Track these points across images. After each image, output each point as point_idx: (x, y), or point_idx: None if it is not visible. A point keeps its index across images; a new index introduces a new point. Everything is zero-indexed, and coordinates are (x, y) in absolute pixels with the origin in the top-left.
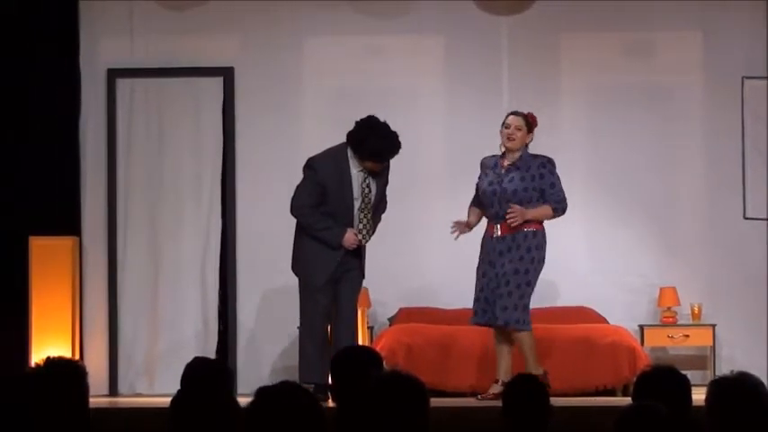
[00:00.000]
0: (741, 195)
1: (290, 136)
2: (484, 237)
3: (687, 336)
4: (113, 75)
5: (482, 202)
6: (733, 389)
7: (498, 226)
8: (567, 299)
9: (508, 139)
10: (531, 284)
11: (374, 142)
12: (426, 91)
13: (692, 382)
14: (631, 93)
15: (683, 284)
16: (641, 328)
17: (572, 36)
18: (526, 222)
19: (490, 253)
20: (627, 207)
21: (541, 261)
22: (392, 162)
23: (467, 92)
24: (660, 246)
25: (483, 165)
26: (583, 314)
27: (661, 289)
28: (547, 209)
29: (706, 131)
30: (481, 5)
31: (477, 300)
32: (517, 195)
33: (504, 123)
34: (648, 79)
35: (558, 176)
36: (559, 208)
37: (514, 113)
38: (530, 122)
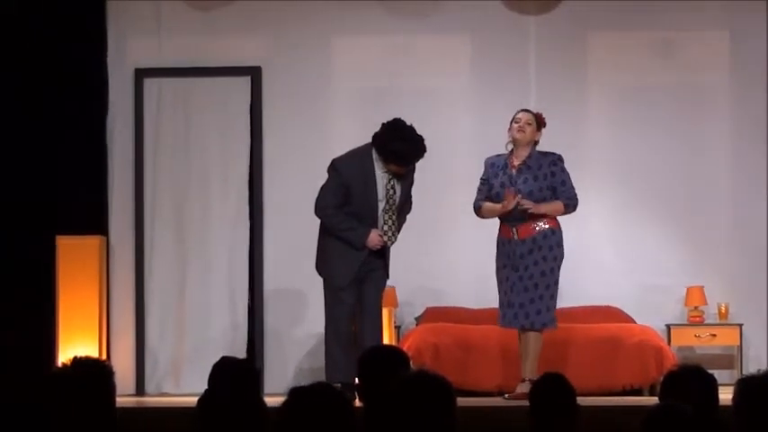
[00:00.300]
0: (767, 194)
1: (317, 135)
2: (499, 239)
3: (714, 335)
4: (141, 74)
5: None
6: (760, 388)
7: (515, 229)
8: (594, 298)
9: (518, 130)
10: (557, 282)
11: (399, 145)
12: (454, 90)
13: (719, 382)
14: (658, 92)
15: (710, 284)
16: (668, 327)
17: (599, 35)
18: (542, 219)
19: (510, 256)
20: (653, 206)
21: (562, 257)
22: (420, 161)
23: (494, 91)
24: (687, 245)
25: (490, 165)
26: (610, 314)
27: (688, 288)
28: (559, 204)
29: (732, 130)
30: (509, 5)
31: (502, 304)
32: (533, 196)
33: (513, 119)
34: (674, 78)
35: (567, 173)
36: (571, 204)
37: (524, 110)
38: (539, 121)
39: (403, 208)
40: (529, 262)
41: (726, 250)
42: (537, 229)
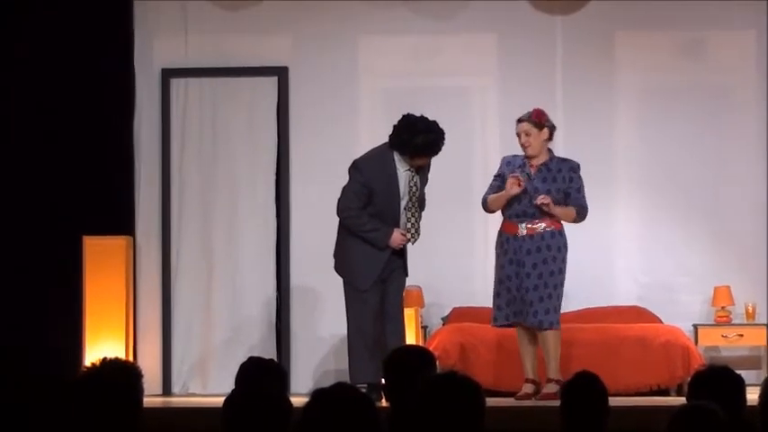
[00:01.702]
0: None
1: (344, 135)
2: (503, 235)
3: (741, 335)
4: (167, 75)
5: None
6: None
7: (523, 225)
8: (620, 298)
9: (524, 147)
10: (563, 284)
11: (423, 138)
12: (481, 90)
13: (746, 382)
14: (685, 91)
15: (737, 284)
16: (695, 327)
17: (626, 35)
18: (547, 219)
19: (517, 252)
20: (681, 206)
21: (566, 260)
22: (446, 161)
23: (521, 91)
24: (714, 245)
25: (506, 163)
26: (637, 314)
27: (715, 288)
28: (572, 211)
29: (759, 130)
30: (535, 4)
31: (506, 302)
32: (551, 197)
33: (516, 133)
34: (702, 78)
35: (582, 183)
36: (581, 214)
37: (519, 120)
38: (536, 121)
39: (420, 205)
40: (537, 260)
41: (753, 250)
42: (544, 227)
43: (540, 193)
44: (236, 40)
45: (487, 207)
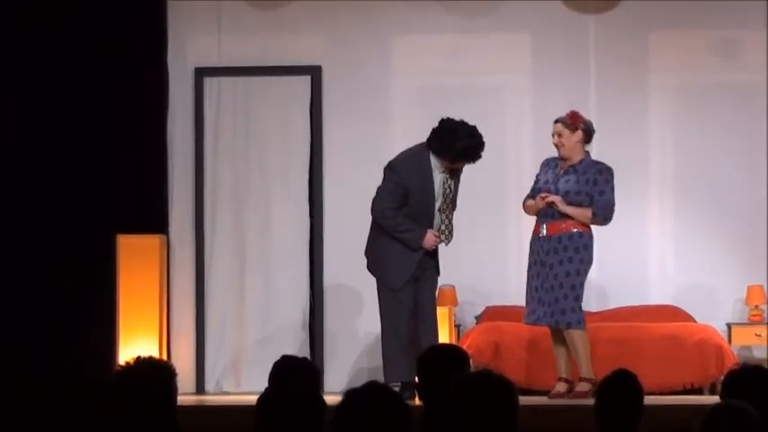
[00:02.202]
0: None
1: (377, 134)
2: (532, 236)
3: None
4: (201, 74)
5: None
6: None
7: (545, 225)
8: (654, 298)
9: (557, 147)
10: (583, 284)
11: (467, 143)
12: (513, 89)
13: None
14: (719, 91)
15: None
16: (729, 326)
17: (659, 34)
18: (570, 220)
19: (539, 252)
20: (714, 205)
21: (590, 262)
22: (479, 160)
23: (554, 90)
24: (747, 243)
25: (546, 164)
26: (670, 313)
27: (749, 287)
28: (587, 211)
29: None
30: (568, 4)
31: (533, 300)
32: (568, 196)
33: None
34: (736, 78)
35: (612, 187)
36: (601, 214)
37: (555, 121)
38: (569, 123)
39: (453, 206)
40: (554, 260)
41: None
42: (564, 228)
43: (560, 195)
44: (270, 39)
45: (526, 210)
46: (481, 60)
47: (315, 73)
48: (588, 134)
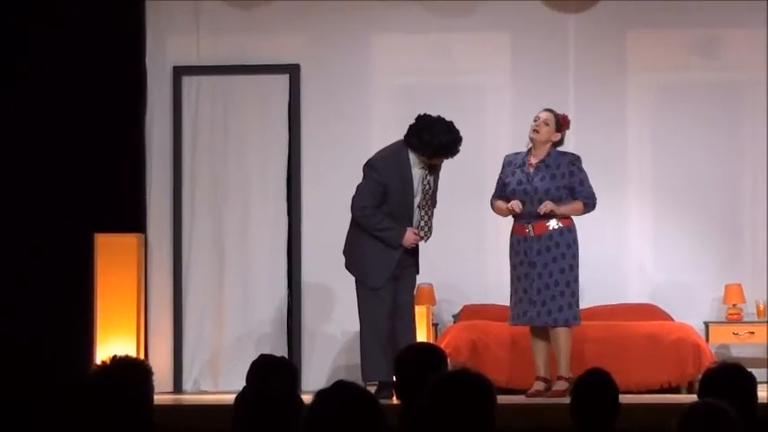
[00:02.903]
0: None
1: (355, 133)
2: (513, 237)
3: (752, 333)
4: (179, 72)
5: (509, 200)
6: None
7: (531, 226)
8: (632, 296)
9: (533, 130)
10: (577, 279)
11: (446, 138)
12: (493, 88)
13: (757, 380)
14: (697, 90)
15: (748, 281)
16: (706, 325)
17: (638, 33)
18: (556, 217)
19: (527, 253)
20: (692, 204)
21: (578, 255)
22: (458, 158)
23: (533, 89)
24: (725, 242)
25: (508, 163)
26: (648, 311)
27: (726, 286)
28: (578, 204)
29: None
30: (548, 3)
31: (522, 301)
32: (549, 194)
33: (535, 117)
34: (714, 77)
35: (585, 173)
36: (590, 203)
37: (547, 109)
38: (560, 122)
39: (433, 203)
40: (547, 259)
41: (764, 248)
42: (551, 227)
43: (540, 194)
44: (249, 38)
45: (493, 210)
46: (461, 59)
47: (293, 72)
48: (559, 144)
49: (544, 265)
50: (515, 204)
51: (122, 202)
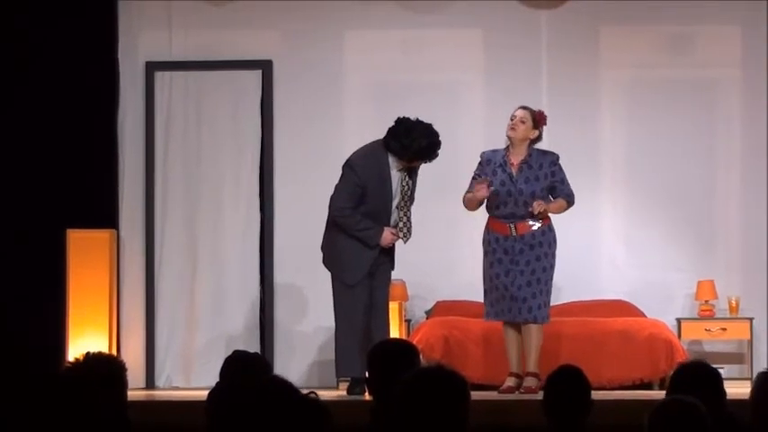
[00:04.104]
0: None
1: (328, 129)
2: (491, 234)
3: (724, 329)
4: (152, 68)
5: (489, 200)
6: None
7: (514, 226)
8: (605, 293)
9: (510, 128)
10: (552, 278)
11: (425, 141)
12: (466, 85)
13: (730, 376)
14: (670, 87)
15: (720, 278)
16: (678, 321)
17: (611, 30)
18: (537, 216)
19: (509, 252)
20: (665, 200)
21: (556, 255)
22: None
23: (506, 86)
24: (698, 239)
25: (486, 161)
26: (621, 308)
27: (699, 282)
28: (563, 202)
29: (745, 126)
30: (521, 0)
31: (503, 298)
32: (535, 197)
33: (511, 115)
34: (687, 74)
35: (564, 172)
36: (571, 201)
37: (523, 107)
38: (536, 119)
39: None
40: (530, 257)
41: (737, 244)
42: (534, 226)
43: (525, 196)
44: (221, 34)
45: (465, 206)
46: (434, 56)
47: (266, 68)
48: (537, 140)
49: (527, 262)
50: (480, 185)
51: (95, 198)
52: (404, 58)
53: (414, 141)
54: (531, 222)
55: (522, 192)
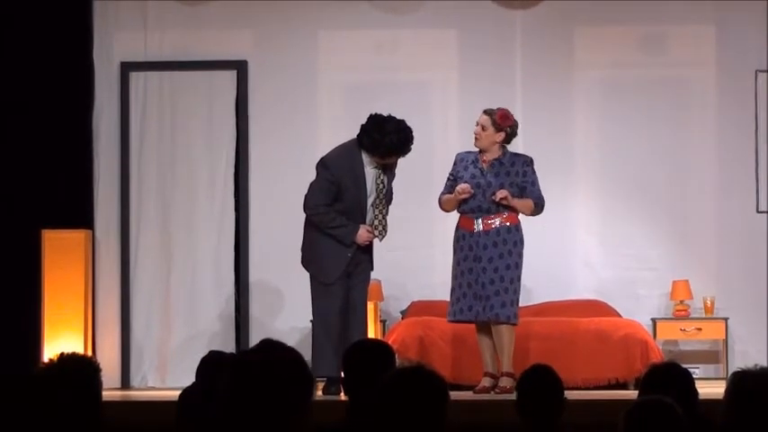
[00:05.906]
0: (754, 189)
1: (303, 129)
2: (459, 231)
3: (699, 329)
4: (127, 68)
5: (465, 200)
6: (755, 382)
7: (479, 221)
8: (579, 292)
9: (475, 140)
10: (520, 279)
11: (395, 138)
12: (440, 85)
13: (705, 376)
14: (644, 87)
15: (695, 278)
16: (654, 321)
17: (585, 30)
18: (504, 214)
19: (473, 248)
20: (640, 201)
21: (522, 255)
22: (408, 155)
23: (480, 86)
24: (673, 239)
25: (460, 160)
26: (596, 308)
27: (674, 282)
28: (529, 202)
29: (719, 125)
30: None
31: (467, 296)
32: (502, 189)
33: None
34: (661, 73)
35: (536, 176)
36: (539, 204)
37: (484, 111)
38: (497, 122)
39: (388, 201)
40: (493, 254)
41: (712, 244)
42: (499, 223)
43: (494, 188)
44: (196, 34)
45: (442, 207)
46: (408, 56)
47: (241, 68)
48: (510, 137)
49: (489, 259)
50: (463, 187)
51: (70, 198)
52: (378, 59)
53: (385, 136)
54: (495, 218)
55: (492, 184)
